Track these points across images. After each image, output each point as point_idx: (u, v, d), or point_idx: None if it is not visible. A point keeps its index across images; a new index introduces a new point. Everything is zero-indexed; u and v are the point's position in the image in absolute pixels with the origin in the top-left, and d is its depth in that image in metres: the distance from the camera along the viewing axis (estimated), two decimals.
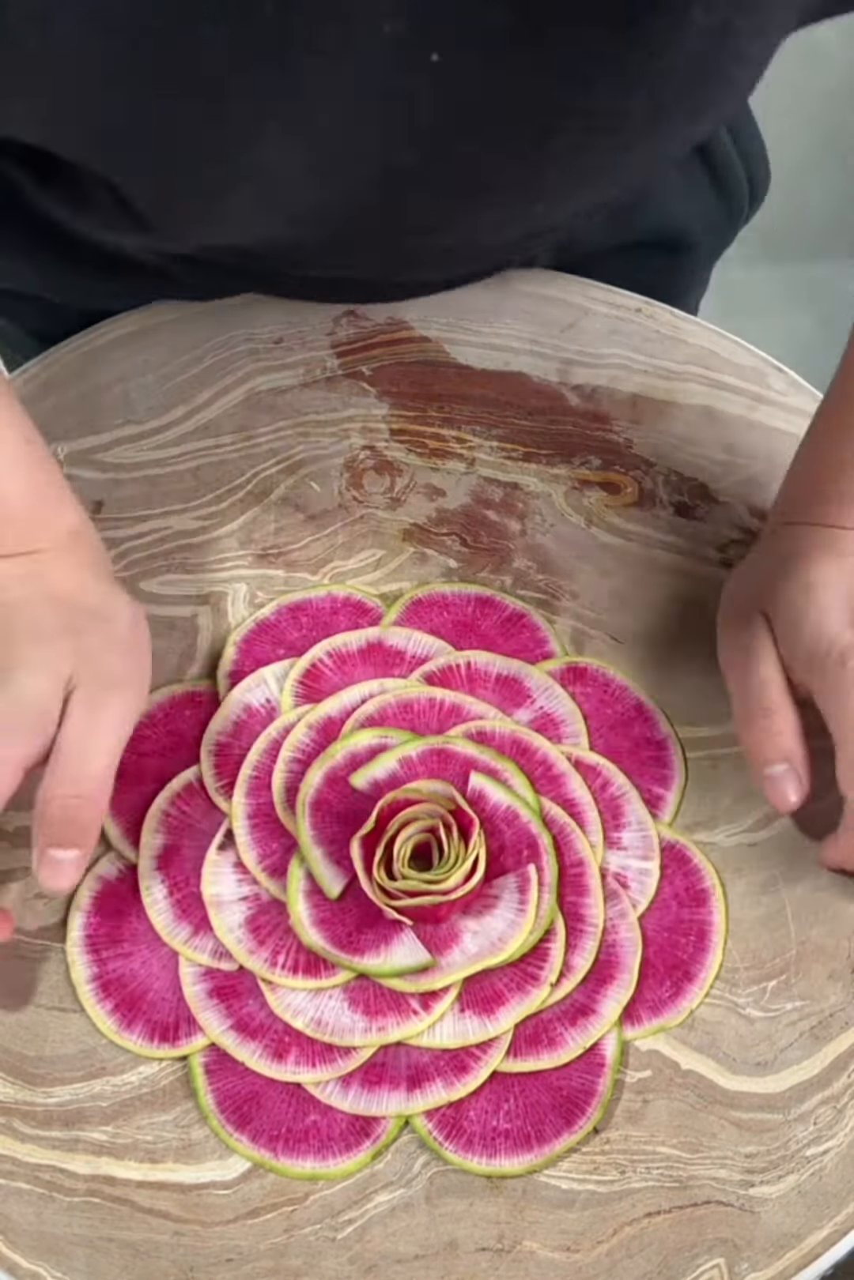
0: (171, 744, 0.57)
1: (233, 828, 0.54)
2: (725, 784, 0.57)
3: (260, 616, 0.61)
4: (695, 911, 0.54)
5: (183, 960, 0.52)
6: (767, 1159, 0.49)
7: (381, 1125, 0.49)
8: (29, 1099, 0.50)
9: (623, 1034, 0.51)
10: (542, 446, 0.67)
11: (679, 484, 0.67)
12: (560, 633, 0.61)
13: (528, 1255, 0.47)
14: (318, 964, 0.51)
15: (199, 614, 0.62)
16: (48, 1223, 0.47)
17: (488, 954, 0.51)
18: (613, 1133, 0.49)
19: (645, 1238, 0.47)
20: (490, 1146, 0.49)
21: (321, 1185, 0.48)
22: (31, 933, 0.53)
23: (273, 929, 0.52)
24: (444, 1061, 0.50)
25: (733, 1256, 0.47)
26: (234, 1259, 0.47)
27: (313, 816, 0.53)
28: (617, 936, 0.52)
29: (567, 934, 0.52)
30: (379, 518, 0.64)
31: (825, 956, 0.53)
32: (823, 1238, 0.47)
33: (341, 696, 0.58)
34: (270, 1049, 0.50)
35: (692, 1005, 0.52)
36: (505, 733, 0.57)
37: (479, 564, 0.63)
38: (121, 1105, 0.50)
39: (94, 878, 0.54)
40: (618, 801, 0.56)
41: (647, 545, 0.64)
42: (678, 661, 0.61)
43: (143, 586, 0.63)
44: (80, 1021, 0.51)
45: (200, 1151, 0.49)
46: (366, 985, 0.51)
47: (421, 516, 0.65)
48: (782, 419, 0.69)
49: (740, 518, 0.66)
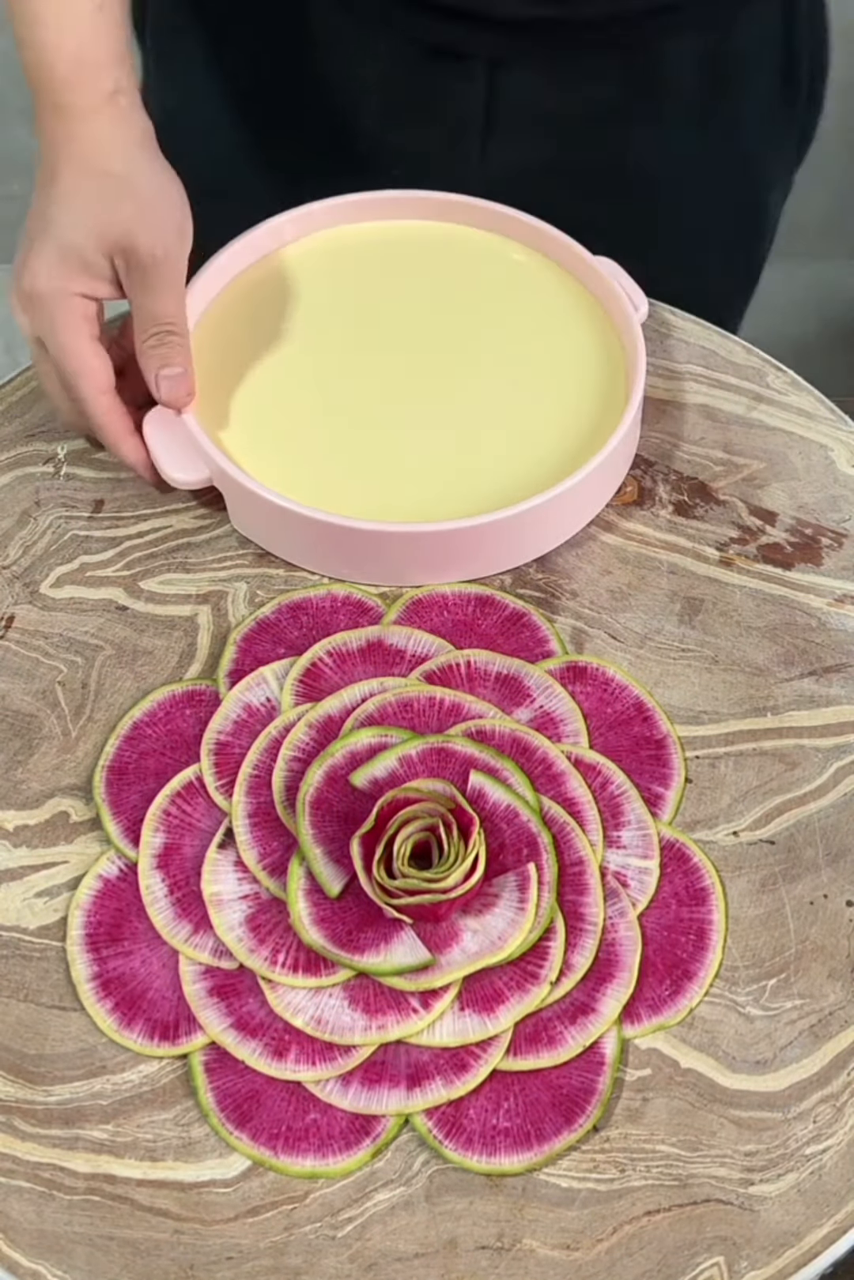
0: (172, 743, 0.57)
1: (233, 826, 0.54)
2: (725, 783, 0.57)
3: (260, 615, 0.61)
4: (695, 910, 0.54)
5: (183, 959, 0.52)
6: (766, 1157, 0.49)
7: (381, 1124, 0.49)
8: (29, 1097, 0.50)
9: (623, 1032, 0.51)
10: None
11: (679, 483, 0.67)
12: (560, 632, 0.61)
13: (528, 1253, 0.47)
14: (318, 962, 0.51)
15: (199, 613, 0.62)
16: (48, 1221, 0.47)
17: (488, 952, 0.51)
18: (612, 1131, 0.49)
19: (645, 1236, 0.47)
20: (490, 1145, 0.49)
21: (321, 1183, 0.48)
22: (31, 931, 0.53)
23: (273, 927, 0.52)
24: (444, 1060, 0.50)
25: (732, 1255, 0.47)
26: (234, 1257, 0.47)
27: (313, 815, 0.53)
28: (616, 935, 0.53)
29: (566, 933, 0.52)
30: None
31: (825, 955, 0.53)
32: (822, 1236, 0.47)
33: (342, 695, 0.58)
34: (270, 1047, 0.50)
35: (691, 1004, 0.52)
36: (505, 732, 0.57)
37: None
38: (121, 1103, 0.50)
39: (94, 877, 0.54)
40: (617, 800, 0.56)
41: (646, 545, 0.65)
42: (678, 661, 0.61)
43: (143, 586, 0.63)
44: (80, 1020, 0.51)
45: (200, 1150, 0.49)
46: (366, 984, 0.51)
47: None
48: (781, 418, 0.69)
49: (740, 517, 0.66)
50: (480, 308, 0.70)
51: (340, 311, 0.70)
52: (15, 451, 0.67)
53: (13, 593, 0.62)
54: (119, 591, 0.62)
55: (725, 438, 0.68)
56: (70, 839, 0.55)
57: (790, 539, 0.65)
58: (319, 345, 0.68)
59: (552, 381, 0.67)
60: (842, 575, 0.64)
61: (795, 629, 0.62)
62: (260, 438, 0.64)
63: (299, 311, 0.70)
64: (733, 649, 0.61)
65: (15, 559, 0.63)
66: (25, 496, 0.66)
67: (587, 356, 0.68)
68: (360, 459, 0.64)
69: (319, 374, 0.67)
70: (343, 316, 0.70)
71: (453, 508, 0.61)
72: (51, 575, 0.63)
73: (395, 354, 0.68)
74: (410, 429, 0.65)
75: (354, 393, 0.67)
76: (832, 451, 0.68)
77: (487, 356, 0.68)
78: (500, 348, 0.69)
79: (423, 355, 0.68)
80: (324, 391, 0.67)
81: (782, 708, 0.59)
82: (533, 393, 0.67)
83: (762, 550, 0.64)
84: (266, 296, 0.70)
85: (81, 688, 0.59)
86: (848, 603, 0.63)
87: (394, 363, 0.68)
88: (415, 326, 0.69)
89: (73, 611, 0.62)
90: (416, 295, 0.71)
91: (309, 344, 0.68)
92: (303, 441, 0.65)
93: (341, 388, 0.67)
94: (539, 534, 0.63)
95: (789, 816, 0.56)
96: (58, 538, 0.64)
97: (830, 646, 0.61)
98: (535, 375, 0.68)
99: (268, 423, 0.65)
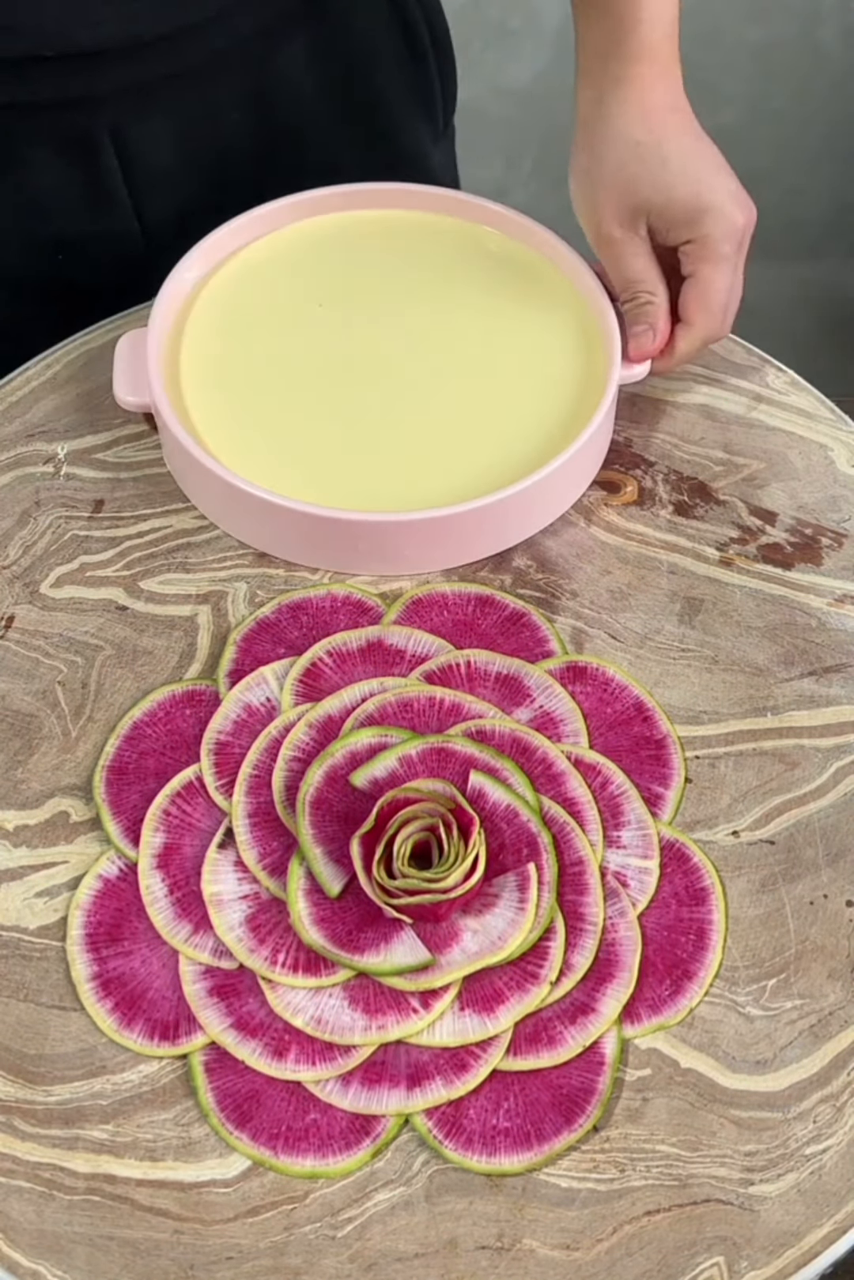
0: (172, 743, 0.57)
1: (233, 826, 0.54)
2: (725, 783, 0.57)
3: (260, 615, 0.61)
4: (695, 910, 0.54)
5: (183, 959, 0.52)
6: (766, 1157, 0.49)
7: (381, 1124, 0.49)
8: (29, 1097, 0.50)
9: (622, 1032, 0.51)
10: None
11: (679, 483, 0.67)
12: (560, 632, 0.61)
13: (527, 1253, 0.47)
14: (318, 962, 0.51)
15: (199, 613, 0.62)
16: (48, 1221, 0.47)
17: (488, 952, 0.51)
18: (612, 1131, 0.49)
19: (645, 1236, 0.47)
20: (490, 1145, 0.49)
21: (321, 1183, 0.48)
22: (32, 931, 0.53)
23: (273, 927, 0.52)
24: (444, 1060, 0.50)
25: (732, 1255, 0.47)
26: (234, 1257, 0.47)
27: (313, 815, 0.53)
28: (616, 935, 0.53)
29: (566, 932, 0.52)
30: None
31: (825, 955, 0.53)
32: (822, 1236, 0.47)
33: (342, 695, 0.58)
34: (270, 1047, 0.50)
35: (691, 1004, 0.52)
36: (505, 731, 0.57)
37: (479, 563, 0.63)
38: (121, 1103, 0.50)
39: (94, 877, 0.54)
40: (617, 800, 0.56)
41: (646, 544, 0.65)
42: (678, 661, 0.61)
43: (143, 586, 0.63)
44: (80, 1020, 0.51)
45: (200, 1150, 0.49)
46: (366, 984, 0.51)
47: None
48: (781, 418, 0.69)
49: (740, 517, 0.66)
50: (460, 297, 0.70)
51: (319, 302, 0.70)
52: (15, 451, 0.67)
53: (13, 593, 0.62)
54: (119, 591, 0.62)
55: (725, 438, 0.68)
56: (70, 839, 0.55)
57: (790, 539, 0.65)
58: (296, 336, 0.68)
59: (532, 368, 0.67)
60: (842, 575, 0.64)
61: (795, 629, 0.62)
62: (237, 430, 0.64)
63: (276, 303, 0.70)
64: (733, 649, 0.61)
65: (15, 559, 0.63)
66: (25, 496, 0.66)
67: (565, 341, 0.68)
68: (339, 448, 0.64)
69: (297, 365, 0.67)
70: (321, 307, 0.69)
71: (433, 495, 0.62)
72: (51, 575, 0.63)
73: (374, 343, 0.68)
74: (390, 417, 0.65)
75: (334, 383, 0.67)
76: (832, 451, 0.68)
77: (466, 345, 0.68)
78: (480, 336, 0.69)
79: (402, 344, 0.68)
80: (302, 382, 0.67)
81: (782, 708, 0.59)
82: (513, 379, 0.67)
83: (762, 550, 0.64)
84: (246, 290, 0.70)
85: (81, 688, 0.59)
86: (848, 603, 0.63)
87: (373, 351, 0.68)
88: (394, 316, 0.69)
89: (73, 611, 0.62)
90: (396, 285, 0.71)
91: (286, 335, 0.68)
92: (280, 432, 0.65)
93: (320, 378, 0.67)
94: (523, 518, 0.63)
95: (789, 816, 0.56)
96: (58, 538, 0.64)
97: (830, 646, 0.61)
98: (515, 361, 0.68)
99: (244, 415, 0.65)
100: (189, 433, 0.63)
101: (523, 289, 0.70)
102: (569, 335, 0.68)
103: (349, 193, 0.72)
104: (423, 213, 0.73)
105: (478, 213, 0.72)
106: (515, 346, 0.68)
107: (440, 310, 0.70)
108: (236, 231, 0.71)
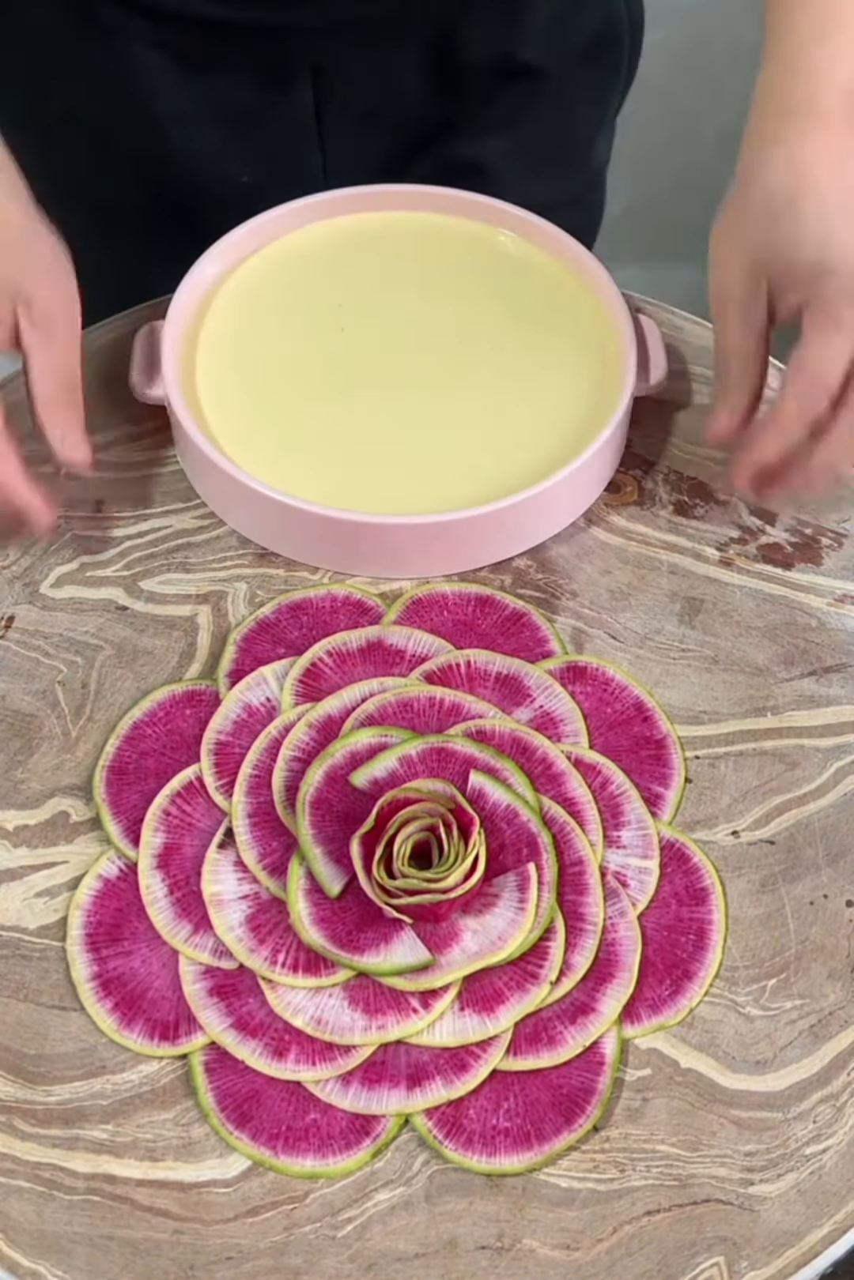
0: (172, 743, 0.57)
1: (233, 826, 0.54)
2: (725, 783, 0.57)
3: (260, 615, 0.61)
4: (695, 910, 0.54)
5: (183, 959, 0.52)
6: (766, 1157, 0.49)
7: (381, 1124, 0.49)
8: (29, 1097, 0.50)
9: (622, 1032, 0.51)
10: None
11: (679, 483, 0.67)
12: (560, 632, 0.61)
13: (527, 1253, 0.47)
14: (318, 962, 0.51)
15: (199, 613, 0.62)
16: (48, 1221, 0.47)
17: (488, 952, 0.51)
18: (612, 1131, 0.49)
19: (645, 1236, 0.47)
20: (490, 1145, 0.49)
21: (321, 1183, 0.48)
22: (32, 931, 0.53)
23: (273, 927, 0.52)
24: (444, 1060, 0.50)
25: (732, 1255, 0.47)
26: (234, 1257, 0.47)
27: (313, 815, 0.53)
28: (616, 935, 0.53)
29: (566, 932, 0.52)
30: None
31: (825, 955, 0.53)
32: (822, 1236, 0.47)
33: (342, 695, 0.58)
34: (270, 1047, 0.50)
35: (691, 1004, 0.52)
36: (505, 731, 0.57)
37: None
38: (121, 1104, 0.50)
39: (94, 877, 0.54)
40: (617, 800, 0.56)
41: (646, 545, 0.65)
42: (678, 661, 0.61)
43: (143, 586, 0.63)
44: (80, 1020, 0.51)
45: (200, 1150, 0.49)
46: (366, 984, 0.51)
47: None
48: None
49: (740, 517, 0.66)
50: (478, 301, 0.70)
51: (338, 302, 0.70)
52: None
53: (13, 593, 0.62)
54: (119, 591, 0.62)
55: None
56: (70, 839, 0.55)
57: (790, 539, 0.65)
58: (313, 335, 0.69)
59: (546, 373, 0.67)
60: (842, 575, 0.64)
61: (795, 629, 0.62)
62: (251, 432, 0.65)
63: (295, 302, 0.70)
64: (733, 649, 0.61)
65: (15, 559, 0.63)
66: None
67: (580, 348, 0.68)
68: (350, 448, 0.64)
69: (312, 364, 0.67)
70: (341, 307, 0.70)
71: (443, 500, 0.62)
72: (51, 575, 0.63)
73: (390, 345, 0.68)
74: (403, 420, 0.65)
75: (348, 383, 0.67)
76: None
77: (481, 349, 0.68)
78: (495, 340, 0.69)
79: (418, 347, 0.68)
80: (316, 381, 0.67)
81: (782, 708, 0.59)
82: (527, 385, 0.67)
83: (762, 550, 0.64)
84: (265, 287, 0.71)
85: (81, 688, 0.59)
86: (848, 603, 0.63)
87: (388, 353, 0.68)
88: (411, 318, 0.69)
89: (73, 611, 0.62)
90: (414, 287, 0.71)
91: (302, 334, 0.69)
92: (291, 429, 0.65)
93: (334, 378, 0.67)
94: (532, 525, 0.63)
95: (789, 816, 0.56)
96: (58, 538, 0.64)
97: (830, 646, 0.61)
98: (530, 367, 0.68)
99: (256, 411, 0.65)
100: (200, 427, 0.63)
101: (541, 294, 0.70)
102: (585, 342, 0.68)
103: (371, 194, 0.73)
104: (445, 215, 0.73)
105: (498, 216, 0.72)
106: (531, 352, 0.68)
107: (457, 314, 0.70)
108: (258, 229, 0.71)
